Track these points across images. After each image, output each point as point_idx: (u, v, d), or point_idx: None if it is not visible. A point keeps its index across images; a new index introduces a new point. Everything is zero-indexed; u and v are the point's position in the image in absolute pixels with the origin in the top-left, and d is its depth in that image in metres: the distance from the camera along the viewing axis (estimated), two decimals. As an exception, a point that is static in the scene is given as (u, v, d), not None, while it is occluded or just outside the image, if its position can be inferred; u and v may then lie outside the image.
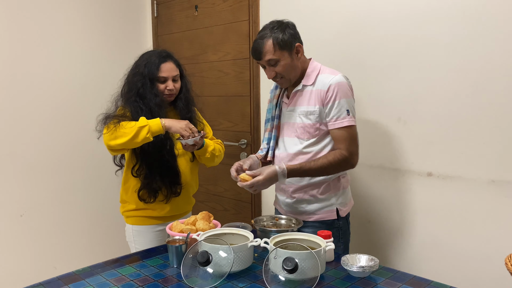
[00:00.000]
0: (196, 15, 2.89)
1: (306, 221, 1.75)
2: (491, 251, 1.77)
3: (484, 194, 1.77)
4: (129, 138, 1.64)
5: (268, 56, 1.65)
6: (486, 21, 1.70)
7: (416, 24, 1.88)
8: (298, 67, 1.70)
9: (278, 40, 1.63)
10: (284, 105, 1.80)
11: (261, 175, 1.60)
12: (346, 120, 1.65)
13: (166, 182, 1.83)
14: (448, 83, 1.82)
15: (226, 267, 1.31)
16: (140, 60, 1.85)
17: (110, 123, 1.71)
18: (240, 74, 2.67)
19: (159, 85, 1.81)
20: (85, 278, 1.37)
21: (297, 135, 1.73)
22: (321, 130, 1.69)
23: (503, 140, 1.71)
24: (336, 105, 1.64)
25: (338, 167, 1.67)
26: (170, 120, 1.71)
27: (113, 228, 2.99)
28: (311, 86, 1.70)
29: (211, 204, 2.95)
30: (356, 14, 2.07)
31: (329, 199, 1.74)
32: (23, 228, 2.70)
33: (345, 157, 1.65)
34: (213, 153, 1.91)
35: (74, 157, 2.89)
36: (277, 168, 1.62)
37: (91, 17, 2.92)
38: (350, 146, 1.66)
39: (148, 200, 1.84)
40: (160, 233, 1.88)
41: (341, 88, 1.65)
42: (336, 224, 1.75)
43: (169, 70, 1.82)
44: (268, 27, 1.67)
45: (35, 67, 2.68)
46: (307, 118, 1.69)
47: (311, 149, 1.70)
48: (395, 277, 1.36)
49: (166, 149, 1.81)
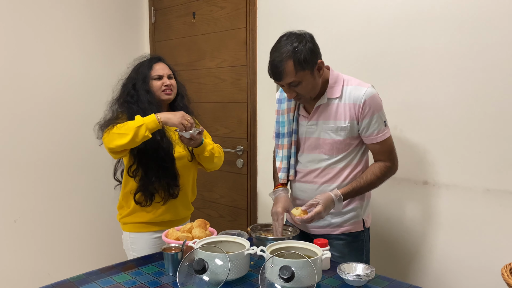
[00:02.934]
0: (193, 22, 2.90)
1: (330, 235, 1.66)
2: (486, 261, 1.77)
3: (480, 203, 1.78)
4: (129, 139, 1.63)
5: (289, 78, 1.51)
6: (483, 32, 1.72)
7: (412, 33, 1.90)
8: (319, 84, 1.59)
9: (299, 60, 1.48)
10: (303, 119, 1.68)
11: (319, 206, 1.53)
12: (386, 131, 1.61)
13: (163, 183, 1.82)
14: (445, 92, 1.83)
15: (222, 275, 1.30)
16: (132, 68, 1.90)
17: (108, 128, 1.71)
18: (237, 81, 2.67)
19: (154, 82, 1.82)
20: (80, 286, 1.36)
21: (323, 151, 1.64)
22: (350, 144, 1.63)
23: (498, 149, 1.72)
24: (375, 120, 1.58)
25: (384, 178, 1.64)
26: (165, 113, 1.69)
27: (109, 235, 2.97)
28: (338, 99, 1.60)
29: (207, 211, 2.94)
30: (353, 23, 2.08)
31: (355, 210, 1.67)
32: (17, 234, 2.68)
33: (389, 167, 1.62)
34: (213, 152, 1.89)
35: (69, 162, 2.87)
36: (333, 195, 1.56)
37: (89, 22, 2.92)
38: (391, 155, 1.63)
39: (144, 204, 1.83)
40: (157, 240, 1.87)
41: (376, 101, 1.58)
42: (361, 236, 1.69)
43: (163, 68, 1.85)
44: (287, 43, 1.51)
45: (32, 71, 2.67)
46: (337, 134, 1.60)
47: (339, 164, 1.64)
48: (392, 286, 1.36)
49: (164, 150, 1.80)
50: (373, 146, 1.63)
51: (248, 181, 2.66)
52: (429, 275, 1.94)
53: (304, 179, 1.70)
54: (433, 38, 1.84)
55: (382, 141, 1.60)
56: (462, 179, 1.82)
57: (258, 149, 2.61)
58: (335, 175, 1.65)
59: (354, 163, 1.65)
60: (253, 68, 2.56)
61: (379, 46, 2.00)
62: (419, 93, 1.90)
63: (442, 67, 1.83)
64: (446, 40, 1.81)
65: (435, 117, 1.87)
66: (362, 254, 1.69)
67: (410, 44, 1.91)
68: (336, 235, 1.67)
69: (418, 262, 1.97)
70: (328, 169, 1.65)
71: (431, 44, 1.85)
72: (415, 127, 1.93)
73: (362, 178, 1.61)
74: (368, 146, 1.66)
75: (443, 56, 1.82)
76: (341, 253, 1.65)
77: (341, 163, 1.64)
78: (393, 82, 1.97)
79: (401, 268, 2.01)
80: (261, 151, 2.59)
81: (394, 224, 2.03)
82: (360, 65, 2.07)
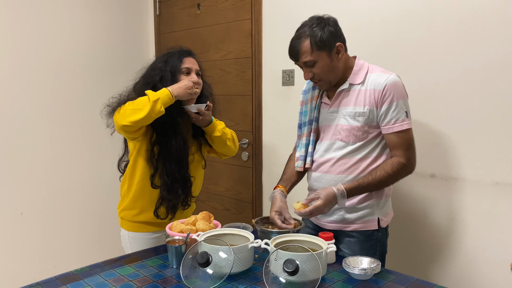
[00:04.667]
0: (198, 14, 2.88)
1: (342, 231, 1.62)
2: (494, 255, 1.75)
3: (488, 196, 1.75)
4: (145, 114, 1.54)
5: (305, 57, 1.52)
6: (491, 23, 1.68)
7: (419, 24, 1.86)
8: (339, 68, 1.56)
9: (316, 40, 1.49)
10: (324, 106, 1.66)
11: (320, 200, 1.49)
12: (406, 122, 1.52)
13: (182, 194, 1.74)
14: (453, 85, 1.80)
15: (226, 268, 1.29)
16: (159, 58, 1.78)
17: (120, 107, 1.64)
18: (242, 73, 2.65)
19: (182, 77, 1.72)
20: (83, 278, 1.35)
21: (340, 138, 1.59)
22: (369, 133, 1.56)
23: (507, 142, 1.69)
24: (394, 107, 1.51)
25: (397, 177, 1.55)
26: (174, 87, 1.63)
27: (114, 227, 2.97)
28: (360, 85, 1.56)
29: (212, 204, 2.93)
30: (359, 15, 2.05)
31: (370, 207, 1.60)
32: (23, 226, 2.69)
33: (403, 165, 1.52)
34: (225, 132, 1.82)
35: (75, 155, 2.87)
36: (335, 190, 1.50)
37: (93, 15, 2.90)
38: (407, 152, 1.53)
39: (163, 217, 1.75)
40: (157, 240, 1.81)
41: (398, 89, 1.52)
42: (375, 236, 1.61)
43: (192, 63, 1.77)
44: (307, 24, 1.54)
45: (37, 64, 2.66)
46: (355, 119, 1.55)
47: (356, 154, 1.57)
48: (398, 280, 1.34)
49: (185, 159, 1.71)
50: (389, 137, 1.54)
51: (253, 174, 2.64)
52: (435, 268, 1.92)
53: (320, 169, 1.65)
54: (441, 29, 1.81)
55: (399, 132, 1.52)
56: (470, 172, 1.79)
57: (263, 142, 2.59)
58: (352, 166, 1.58)
59: (373, 156, 1.58)
60: (258, 60, 2.53)
61: (386, 37, 1.97)
62: (426, 86, 1.87)
63: (450, 59, 1.79)
64: (454, 31, 1.77)
65: (442, 110, 1.83)
66: (374, 254, 1.59)
67: (417, 35, 1.87)
68: (348, 232, 1.62)
69: (425, 255, 1.95)
70: (345, 159, 1.59)
71: (439, 35, 1.81)
72: (422, 119, 1.90)
73: (370, 175, 1.54)
74: (385, 138, 1.57)
75: (451, 47, 1.79)
76: (351, 251, 1.60)
77: (359, 153, 1.57)
78: (401, 75, 1.93)
79: (408, 260, 1.99)
80: (266, 144, 2.58)
81: (400, 218, 2.01)
82: (365, 56, 2.03)
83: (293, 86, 2.38)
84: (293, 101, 2.36)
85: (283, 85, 2.43)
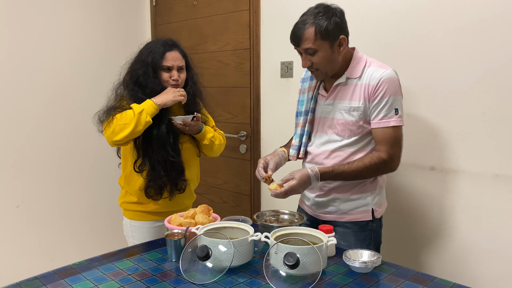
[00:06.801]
0: (195, 4, 2.84)
1: (337, 221, 1.63)
2: (495, 247, 1.75)
3: (488, 188, 1.75)
4: (132, 128, 1.61)
5: (306, 44, 1.50)
6: (492, 16, 1.66)
7: (422, 17, 1.84)
8: (337, 61, 1.55)
9: (321, 29, 1.47)
10: (321, 98, 1.65)
11: (294, 180, 1.50)
12: (393, 119, 1.51)
13: (171, 178, 1.77)
14: (453, 77, 1.79)
15: (226, 262, 1.28)
16: (144, 48, 1.79)
17: (108, 120, 1.67)
18: (240, 65, 2.62)
19: (163, 73, 1.75)
20: (81, 272, 1.34)
21: (336, 131, 1.60)
22: (364, 128, 1.56)
23: (507, 135, 1.68)
24: (384, 103, 1.50)
25: (375, 171, 1.55)
26: (159, 96, 1.68)
27: (112, 221, 2.96)
28: (357, 79, 1.55)
29: (210, 197, 2.92)
30: (359, 9, 2.02)
31: (364, 198, 1.61)
32: (19, 219, 2.68)
33: (383, 160, 1.52)
34: (213, 140, 1.86)
35: (72, 148, 2.85)
36: (309, 171, 1.52)
37: (89, 6, 2.86)
38: (391, 149, 1.52)
39: (155, 197, 1.79)
40: (159, 229, 1.85)
41: (392, 84, 1.51)
42: (369, 226, 1.62)
43: (174, 59, 1.75)
44: (313, 11, 1.50)
45: (32, 58, 2.63)
46: (350, 114, 1.55)
47: (351, 147, 1.58)
48: (398, 273, 1.34)
49: (170, 144, 1.75)
50: (375, 131, 1.54)
51: (251, 167, 2.63)
52: (436, 261, 1.92)
53: (314, 161, 1.66)
54: (442, 21, 1.79)
55: (385, 128, 1.51)
56: (471, 165, 1.78)
57: (262, 134, 2.57)
58: (345, 159, 1.59)
59: (368, 150, 1.59)
60: (256, 52, 2.51)
61: (388, 30, 1.95)
62: (427, 78, 1.86)
63: (451, 51, 1.78)
64: (456, 23, 1.76)
65: (443, 102, 1.82)
66: (369, 245, 1.62)
67: (420, 28, 1.85)
68: (342, 223, 1.63)
69: (425, 248, 1.95)
70: (339, 151, 1.59)
71: (441, 28, 1.80)
72: (422, 111, 1.89)
73: (348, 163, 1.54)
74: (372, 133, 1.56)
75: (452, 40, 1.77)
76: (347, 241, 1.61)
77: (353, 147, 1.58)
78: (400, 66, 1.92)
79: (408, 254, 1.99)
80: (265, 137, 2.56)
81: (399, 210, 2.00)
82: (366, 50, 2.01)
83: (291, 78, 2.36)
84: (291, 93, 2.34)
85: (281, 77, 2.41)
